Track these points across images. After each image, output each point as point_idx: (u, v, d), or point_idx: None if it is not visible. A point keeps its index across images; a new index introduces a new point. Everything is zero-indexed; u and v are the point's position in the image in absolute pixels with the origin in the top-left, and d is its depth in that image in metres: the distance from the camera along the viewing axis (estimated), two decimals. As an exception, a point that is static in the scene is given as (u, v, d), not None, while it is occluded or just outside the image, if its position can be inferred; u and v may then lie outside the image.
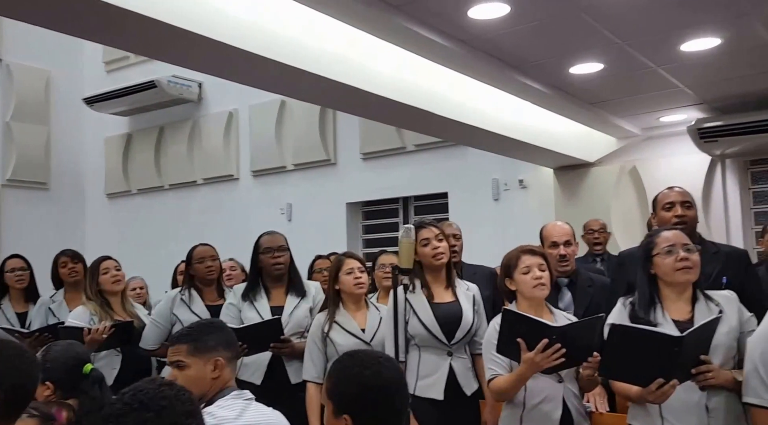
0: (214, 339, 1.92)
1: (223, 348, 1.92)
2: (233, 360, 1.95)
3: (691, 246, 2.21)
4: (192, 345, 1.91)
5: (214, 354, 1.89)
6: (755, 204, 5.25)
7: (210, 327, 1.99)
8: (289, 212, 7.35)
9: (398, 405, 1.51)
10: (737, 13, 3.12)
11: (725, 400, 2.08)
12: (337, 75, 3.39)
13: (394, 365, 1.57)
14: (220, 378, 1.88)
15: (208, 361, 1.88)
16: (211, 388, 1.88)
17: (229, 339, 1.97)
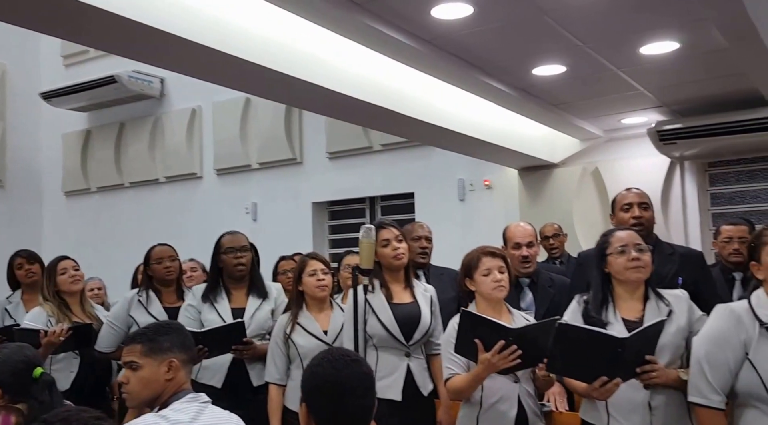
0: (169, 341, 1.88)
1: (178, 349, 1.88)
2: (189, 362, 1.91)
3: (643, 246, 2.25)
4: (146, 346, 1.87)
5: (168, 355, 1.85)
6: (713, 206, 5.39)
7: (166, 328, 1.95)
8: (254, 211, 7.27)
9: (353, 406, 1.50)
10: (694, 18, 3.19)
11: (669, 399, 2.13)
12: (303, 74, 3.36)
13: (362, 368, 1.55)
14: (174, 380, 1.84)
15: (162, 362, 1.84)
16: (164, 390, 1.84)
17: (185, 341, 1.93)
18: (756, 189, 5.21)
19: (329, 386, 1.49)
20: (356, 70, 3.68)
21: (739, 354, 1.87)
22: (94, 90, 7.35)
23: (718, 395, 1.90)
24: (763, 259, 1.91)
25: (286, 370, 2.85)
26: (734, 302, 2.00)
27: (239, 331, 2.93)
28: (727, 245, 3.51)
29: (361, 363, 1.57)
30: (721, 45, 3.45)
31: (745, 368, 1.86)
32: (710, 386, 1.90)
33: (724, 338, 1.90)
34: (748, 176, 5.25)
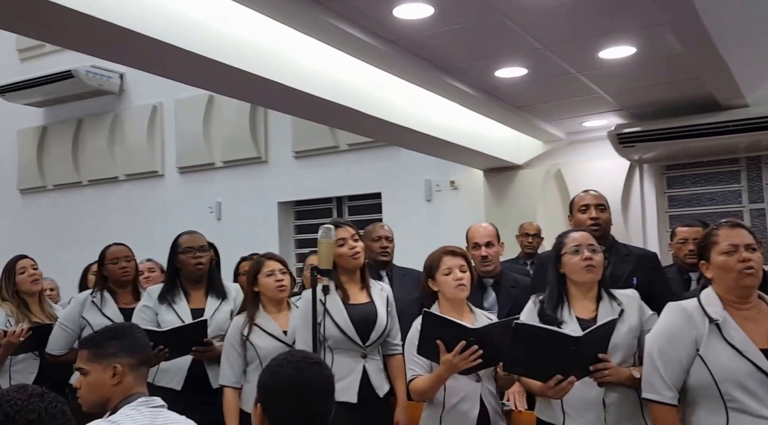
0: (115, 345, 1.83)
1: (125, 354, 1.83)
2: (138, 367, 1.85)
3: (596, 247, 2.29)
4: (91, 351, 1.83)
5: (112, 360, 1.80)
6: (670, 207, 5.52)
7: (113, 332, 1.90)
8: (218, 210, 7.17)
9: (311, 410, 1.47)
10: (650, 23, 3.25)
11: (622, 396, 2.17)
12: (266, 72, 3.32)
13: (324, 371, 1.53)
14: (121, 384, 1.80)
15: (107, 368, 1.80)
16: (112, 395, 1.79)
17: (134, 345, 1.88)
18: (712, 192, 5.35)
19: (289, 388, 1.46)
20: (321, 70, 3.66)
21: (691, 350, 1.90)
22: (51, 85, 7.17)
23: (670, 391, 1.94)
24: (713, 258, 1.95)
25: (242, 372, 2.80)
26: (685, 301, 2.03)
27: (201, 331, 2.88)
28: (682, 247, 3.59)
29: (323, 366, 1.54)
30: (676, 50, 3.53)
31: (696, 364, 1.89)
32: (663, 382, 1.94)
33: (675, 335, 1.94)
34: (704, 178, 5.39)
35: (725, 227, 1.98)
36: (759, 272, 1.90)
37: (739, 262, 1.88)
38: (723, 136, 4.59)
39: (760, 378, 1.81)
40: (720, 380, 1.85)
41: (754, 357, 1.82)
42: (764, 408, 1.80)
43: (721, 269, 1.93)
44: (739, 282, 1.89)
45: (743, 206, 5.23)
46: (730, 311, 1.91)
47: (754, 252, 1.91)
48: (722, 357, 1.86)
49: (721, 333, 1.88)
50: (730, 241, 1.92)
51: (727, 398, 1.84)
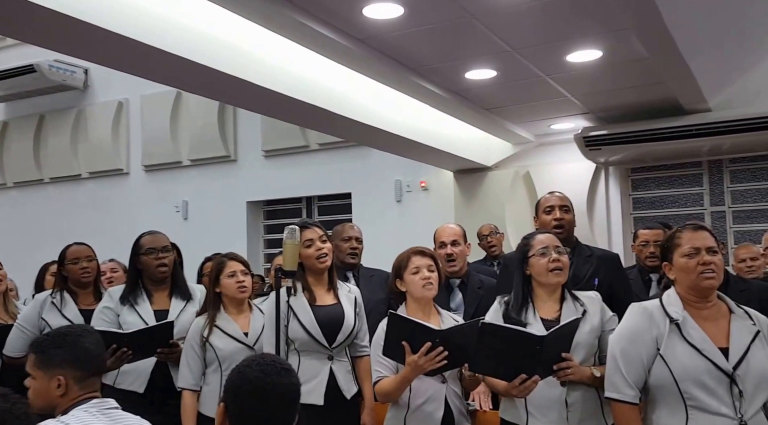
0: (62, 356, 1.75)
1: (71, 366, 1.74)
2: (87, 378, 1.77)
3: (561, 248, 2.32)
4: (38, 358, 1.76)
5: (57, 371, 1.73)
6: (634, 209, 5.62)
7: (62, 339, 1.79)
8: (184, 209, 7.07)
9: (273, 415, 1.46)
10: (615, 28, 3.30)
11: (583, 395, 2.20)
12: (235, 70, 3.29)
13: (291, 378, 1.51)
14: (66, 395, 1.74)
15: (51, 378, 1.73)
16: (59, 404, 1.74)
17: (82, 358, 1.77)
18: (675, 194, 5.47)
19: (253, 389, 1.45)
20: (291, 68, 3.63)
21: (651, 349, 1.93)
22: (12, 79, 6.99)
23: (632, 390, 1.96)
24: (675, 260, 1.98)
25: (201, 375, 2.75)
26: (647, 301, 2.06)
27: (166, 333, 2.82)
28: (644, 249, 3.64)
29: (292, 374, 1.53)
30: (641, 55, 3.59)
31: (657, 363, 1.92)
32: (625, 381, 1.96)
33: (637, 335, 1.97)
34: (667, 181, 5.51)
35: (688, 229, 2.01)
36: (719, 274, 1.93)
37: (699, 264, 1.91)
38: (686, 140, 4.69)
39: (718, 376, 1.84)
40: (679, 378, 1.87)
41: (712, 356, 1.86)
42: (722, 406, 1.83)
43: (682, 271, 1.96)
44: (699, 284, 1.92)
45: (705, 208, 5.36)
46: (690, 311, 1.95)
47: (715, 255, 1.94)
48: (681, 356, 1.89)
49: (681, 332, 1.91)
50: (692, 243, 1.95)
51: (687, 396, 1.87)
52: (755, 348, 1.88)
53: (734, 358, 1.86)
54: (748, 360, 1.86)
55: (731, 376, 1.84)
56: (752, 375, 1.85)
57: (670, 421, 1.90)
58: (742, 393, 1.83)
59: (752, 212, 5.20)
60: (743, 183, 5.25)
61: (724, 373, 1.84)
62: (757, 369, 1.86)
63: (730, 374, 1.84)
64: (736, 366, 1.85)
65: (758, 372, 1.85)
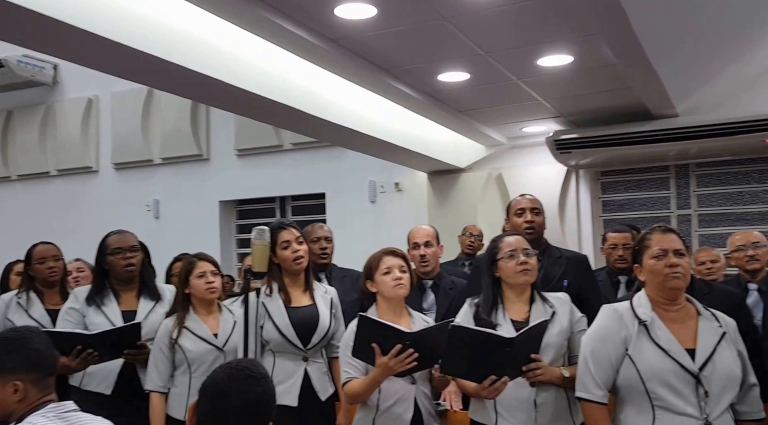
0: (13, 360, 1.70)
1: (25, 369, 1.69)
2: (44, 379, 1.73)
3: (530, 251, 2.34)
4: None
5: (10, 377, 1.68)
6: (604, 212, 5.72)
7: (10, 343, 1.73)
8: (156, 208, 6.98)
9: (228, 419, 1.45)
10: (585, 34, 3.35)
11: (551, 396, 2.23)
12: (207, 69, 3.25)
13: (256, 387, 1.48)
14: (25, 400, 1.69)
15: (5, 384, 1.68)
16: (15, 410, 1.69)
17: (35, 358, 1.73)
18: (643, 197, 5.58)
19: (214, 392, 1.45)
20: (264, 68, 3.60)
21: (620, 350, 1.97)
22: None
23: (600, 390, 2.00)
24: (644, 262, 2.02)
25: (170, 377, 2.72)
26: (618, 303, 2.10)
27: (134, 334, 2.78)
28: (612, 252, 3.71)
29: (261, 382, 1.49)
30: (611, 60, 3.65)
31: (625, 364, 1.95)
32: (594, 381, 2.00)
33: (606, 335, 2.00)
34: (635, 185, 5.61)
35: (657, 232, 2.05)
36: (686, 275, 1.97)
37: (667, 266, 1.95)
38: (653, 144, 4.79)
39: (684, 376, 1.88)
40: (646, 378, 1.91)
41: (678, 357, 1.90)
42: (688, 406, 1.87)
43: (651, 273, 2.00)
44: (666, 284, 1.96)
45: (671, 211, 5.47)
46: (658, 313, 1.99)
47: (682, 257, 1.98)
48: (649, 357, 1.92)
49: (649, 333, 1.95)
50: (661, 246, 1.99)
51: (653, 396, 1.90)
52: (721, 350, 1.93)
53: (700, 359, 1.90)
54: (714, 362, 1.90)
55: (697, 377, 1.88)
56: (718, 376, 1.89)
57: (638, 421, 1.93)
58: (707, 394, 1.87)
59: (717, 216, 5.33)
60: (708, 187, 5.38)
61: (690, 374, 1.88)
62: (722, 370, 1.90)
63: (695, 374, 1.88)
64: (702, 367, 1.89)
65: (723, 374, 1.89)
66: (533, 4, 3.02)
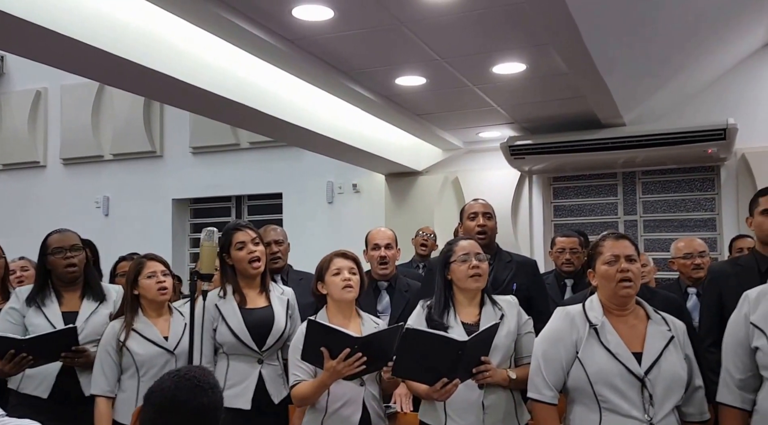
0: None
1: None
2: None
3: (482, 256, 2.39)
4: None
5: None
6: (555, 217, 5.86)
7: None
8: (105, 205, 6.80)
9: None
10: (537, 43, 3.44)
11: (499, 397, 2.28)
12: (161, 65, 3.18)
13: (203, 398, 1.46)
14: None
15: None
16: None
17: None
18: (592, 203, 5.75)
19: (161, 402, 1.43)
20: (220, 66, 3.55)
21: (571, 352, 2.02)
22: None
23: (551, 391, 2.05)
24: (597, 267, 2.09)
25: (117, 381, 2.65)
26: (571, 306, 2.15)
27: (70, 337, 2.70)
28: (560, 256, 3.81)
29: (209, 392, 1.47)
30: (562, 70, 3.76)
31: (575, 366, 2.01)
32: (545, 382, 2.05)
33: (558, 337, 2.06)
34: (585, 191, 5.77)
35: (610, 238, 2.11)
36: (636, 282, 2.03)
37: (618, 272, 2.01)
38: (602, 152, 4.94)
39: (630, 379, 1.94)
40: (594, 381, 1.97)
41: (625, 360, 1.96)
42: (633, 409, 1.92)
43: (602, 278, 2.06)
44: (617, 292, 2.02)
45: (618, 217, 5.65)
46: (609, 317, 2.05)
47: (633, 263, 2.04)
48: (597, 359, 1.98)
49: (599, 336, 2.00)
50: (613, 252, 2.05)
51: (601, 398, 1.96)
52: (668, 354, 1.98)
53: (647, 363, 1.95)
54: (660, 365, 1.96)
55: (642, 380, 1.93)
56: (662, 379, 1.94)
57: (585, 421, 1.99)
58: (652, 397, 1.92)
59: (661, 222, 5.54)
60: (654, 194, 5.58)
61: (636, 377, 1.94)
62: (667, 373, 1.95)
63: (641, 378, 1.93)
64: (648, 371, 1.94)
65: (668, 377, 1.95)
66: (487, 13, 3.08)
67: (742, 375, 1.99)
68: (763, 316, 1.94)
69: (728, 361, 2.03)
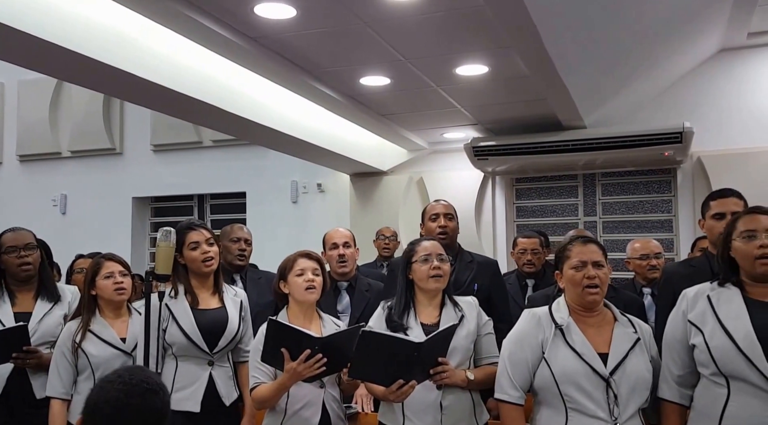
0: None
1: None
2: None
3: (444, 256, 2.40)
4: None
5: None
6: (517, 217, 5.93)
7: None
8: (63, 203, 6.63)
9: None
10: (498, 45, 3.47)
11: (457, 398, 2.28)
12: (120, 62, 3.11)
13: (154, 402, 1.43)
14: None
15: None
16: None
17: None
18: (553, 204, 5.84)
19: (112, 412, 1.37)
20: (181, 62, 3.48)
21: (537, 353, 2.04)
22: None
23: (517, 391, 2.07)
24: (564, 271, 2.11)
25: (73, 383, 2.59)
26: (538, 307, 2.18)
27: (21, 337, 2.63)
28: (522, 256, 3.86)
29: (159, 394, 1.44)
30: (523, 73, 3.80)
31: (542, 366, 2.03)
32: (511, 383, 2.07)
33: (524, 338, 2.08)
34: (547, 192, 5.86)
35: (578, 243, 2.13)
36: (603, 288, 2.06)
37: (585, 278, 2.04)
38: (563, 154, 5.01)
39: (595, 380, 1.96)
40: (560, 381, 1.99)
41: (591, 360, 1.98)
42: (599, 409, 1.95)
43: (569, 282, 2.09)
44: (583, 298, 2.05)
45: (579, 218, 5.76)
46: (575, 318, 2.07)
47: (601, 268, 2.07)
48: (563, 360, 2.00)
49: (565, 337, 2.03)
50: (580, 257, 2.08)
51: (566, 398, 1.98)
52: (633, 355, 2.01)
53: (612, 364, 1.98)
54: (625, 366, 1.99)
55: (607, 380, 1.96)
56: (627, 380, 1.97)
57: (551, 422, 2.01)
58: (617, 397, 1.95)
59: (620, 224, 5.66)
60: (613, 196, 5.70)
61: (601, 377, 1.96)
62: (632, 374, 1.98)
63: (606, 378, 1.96)
64: (613, 372, 1.97)
65: (633, 378, 1.98)
66: (450, 15, 3.09)
67: (681, 372, 2.03)
68: (700, 314, 1.98)
69: (667, 357, 2.07)
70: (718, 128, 5.13)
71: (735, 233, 1.99)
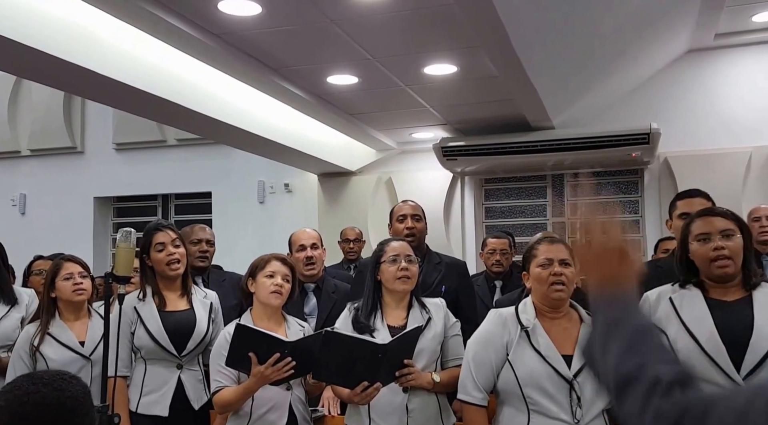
0: None
1: None
2: None
3: (412, 258, 2.38)
4: None
5: None
6: (486, 218, 5.94)
7: None
8: (22, 203, 6.43)
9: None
10: (467, 45, 3.47)
11: (423, 401, 2.26)
12: (80, 58, 3.02)
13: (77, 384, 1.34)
14: None
15: None
16: None
17: None
18: (522, 205, 5.86)
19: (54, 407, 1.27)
20: (143, 59, 3.39)
21: (501, 354, 2.03)
22: None
23: (480, 393, 2.05)
24: (531, 270, 2.10)
25: None
26: (504, 308, 2.16)
27: None
28: (491, 257, 3.86)
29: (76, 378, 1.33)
30: (492, 73, 3.80)
31: (505, 368, 2.02)
32: (475, 384, 2.05)
33: (489, 339, 2.06)
34: (516, 192, 5.88)
35: (545, 242, 2.12)
36: (569, 286, 2.05)
37: (551, 275, 2.03)
38: (532, 154, 5.03)
39: (558, 382, 1.95)
40: (523, 383, 1.98)
41: (554, 362, 1.97)
42: (561, 411, 1.94)
43: (536, 280, 2.07)
44: (549, 295, 2.04)
45: (547, 219, 5.80)
46: (542, 319, 2.06)
47: (567, 267, 2.05)
48: (527, 361, 1.99)
49: (530, 339, 2.01)
50: (546, 255, 2.06)
51: (529, 400, 1.97)
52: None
53: (576, 365, 1.96)
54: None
55: (570, 382, 1.95)
56: (591, 382, 1.94)
57: (513, 423, 2.00)
58: (580, 399, 1.94)
59: (587, 224, 5.71)
60: (581, 197, 5.75)
61: (564, 379, 1.95)
62: None
63: (569, 380, 1.95)
64: (577, 374, 1.95)
65: None
66: (418, 13, 3.07)
67: None
68: (663, 317, 1.99)
69: None
70: (685, 129, 5.19)
71: (690, 236, 2.01)
